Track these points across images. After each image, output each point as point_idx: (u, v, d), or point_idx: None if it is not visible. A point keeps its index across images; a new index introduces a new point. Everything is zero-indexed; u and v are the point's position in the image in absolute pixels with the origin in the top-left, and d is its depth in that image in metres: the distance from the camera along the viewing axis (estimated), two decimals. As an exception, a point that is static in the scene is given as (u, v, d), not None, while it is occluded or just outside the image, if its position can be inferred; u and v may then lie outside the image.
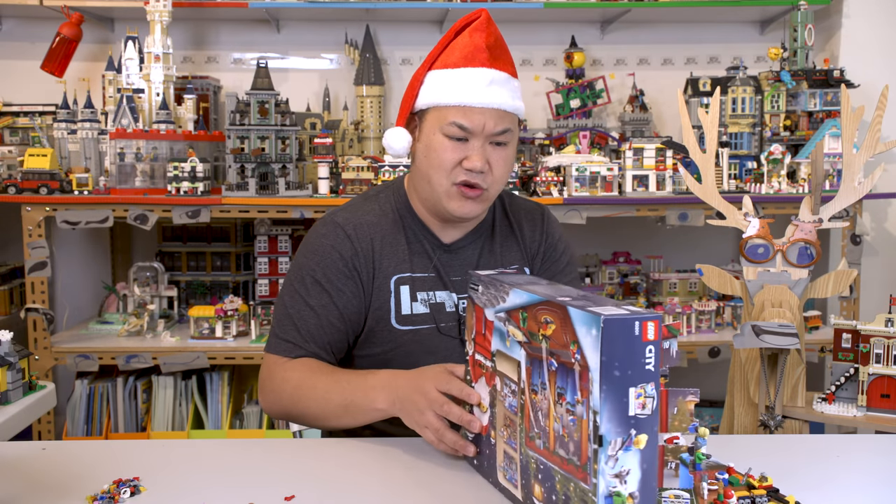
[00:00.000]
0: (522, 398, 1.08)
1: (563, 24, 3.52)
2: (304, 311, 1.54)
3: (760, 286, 1.99)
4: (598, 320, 0.90)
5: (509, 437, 1.12)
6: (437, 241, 1.62)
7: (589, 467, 0.93)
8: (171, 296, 3.26)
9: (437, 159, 1.51)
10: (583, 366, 0.93)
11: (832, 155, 3.05)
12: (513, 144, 1.56)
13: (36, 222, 2.92)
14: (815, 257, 1.97)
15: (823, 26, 3.50)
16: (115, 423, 3.07)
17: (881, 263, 3.44)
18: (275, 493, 1.16)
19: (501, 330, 1.13)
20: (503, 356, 1.13)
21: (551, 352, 1.00)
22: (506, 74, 1.52)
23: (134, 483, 1.18)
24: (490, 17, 1.54)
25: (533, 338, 1.04)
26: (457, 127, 1.49)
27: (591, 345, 0.91)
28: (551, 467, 1.01)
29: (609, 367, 0.90)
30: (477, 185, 1.51)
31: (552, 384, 1.00)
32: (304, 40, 3.54)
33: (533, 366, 1.05)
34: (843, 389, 1.98)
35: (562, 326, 0.97)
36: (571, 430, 0.96)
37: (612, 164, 3.04)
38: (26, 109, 3.36)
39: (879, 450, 1.41)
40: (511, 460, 1.12)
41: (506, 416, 1.13)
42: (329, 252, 1.56)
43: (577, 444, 0.95)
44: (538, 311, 1.03)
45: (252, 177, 3.09)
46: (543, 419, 1.02)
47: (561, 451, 0.98)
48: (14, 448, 1.37)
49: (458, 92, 1.49)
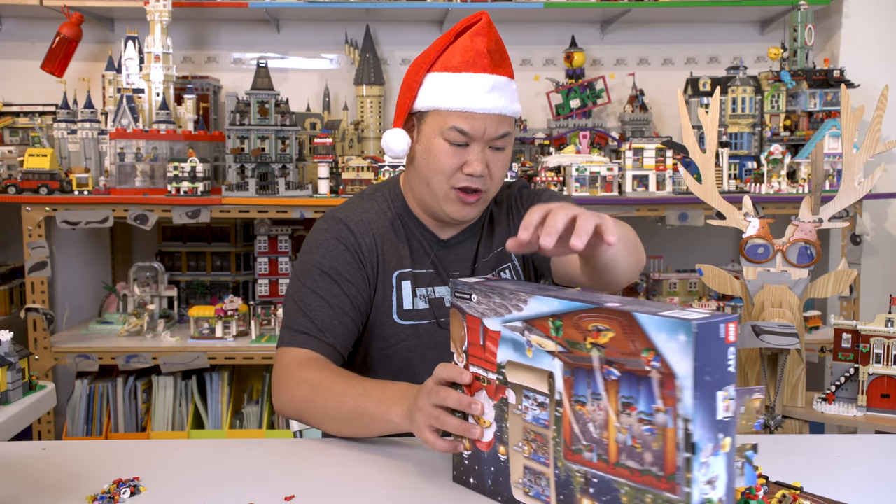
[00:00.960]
0: (559, 410, 1.04)
1: (563, 24, 3.52)
2: (316, 302, 1.52)
3: (760, 286, 1.99)
4: (690, 326, 0.88)
5: (534, 452, 1.08)
6: (434, 237, 1.63)
7: (679, 477, 0.90)
8: (171, 296, 3.26)
9: (437, 163, 1.51)
10: (664, 373, 0.91)
11: (832, 155, 3.05)
12: (510, 146, 1.57)
13: (36, 222, 2.92)
14: (815, 257, 1.97)
15: (823, 26, 3.50)
16: (115, 423, 3.07)
17: (881, 263, 3.44)
18: (275, 493, 1.16)
19: (517, 340, 1.09)
20: (521, 367, 1.09)
21: (609, 360, 0.97)
22: (506, 79, 1.53)
23: (134, 483, 1.18)
24: (490, 20, 1.53)
25: (575, 347, 1.01)
26: (458, 132, 1.49)
27: (677, 351, 0.89)
28: (613, 480, 0.97)
29: (701, 372, 0.88)
30: (476, 190, 1.52)
31: (612, 394, 0.97)
32: (304, 40, 3.54)
33: (576, 376, 1.01)
34: (843, 389, 1.98)
35: (626, 334, 0.94)
36: (648, 440, 0.93)
37: (612, 164, 3.04)
38: (26, 109, 3.35)
39: (879, 450, 1.41)
40: (538, 476, 1.08)
41: (526, 430, 1.09)
42: (334, 244, 1.56)
43: (659, 454, 0.92)
44: (581, 319, 1.00)
45: (252, 177, 3.09)
46: (598, 430, 0.99)
47: (630, 463, 0.95)
48: (14, 448, 1.37)
49: (460, 97, 1.49)
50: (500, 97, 1.50)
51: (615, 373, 0.96)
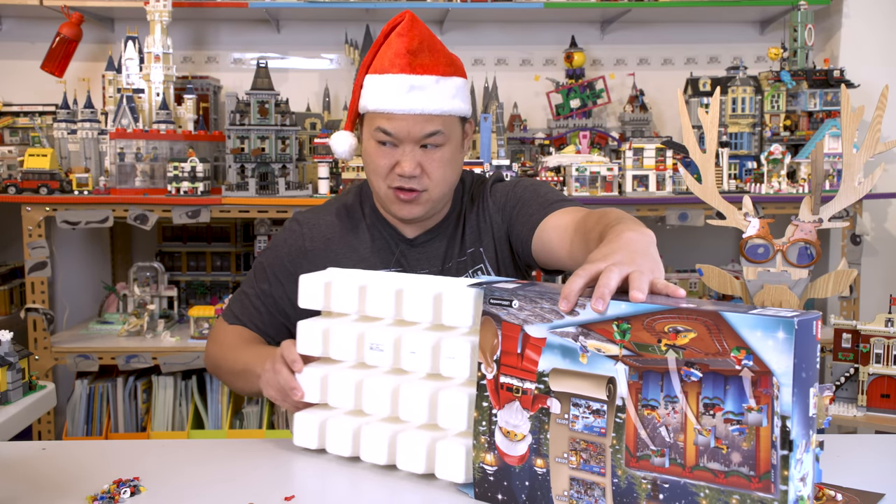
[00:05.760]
0: (620, 416, 1.02)
1: (563, 24, 3.52)
2: (248, 291, 1.67)
3: (760, 286, 1.99)
4: (791, 323, 0.89)
5: (584, 462, 1.05)
6: (399, 235, 1.65)
7: (774, 475, 0.90)
8: (171, 296, 3.26)
9: (372, 164, 1.56)
10: (759, 371, 0.91)
11: (832, 155, 3.05)
12: (451, 145, 1.56)
13: (36, 222, 2.92)
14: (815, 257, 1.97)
15: (823, 26, 3.50)
16: (115, 423, 3.07)
17: (881, 263, 3.44)
18: (275, 493, 1.16)
19: (568, 346, 1.06)
20: (570, 374, 1.06)
21: (689, 362, 0.96)
22: (432, 77, 1.52)
23: (134, 483, 1.18)
24: (414, 18, 1.54)
25: (645, 350, 1.00)
26: (382, 132, 1.52)
27: (774, 348, 0.90)
28: (690, 483, 0.96)
29: (798, 369, 0.89)
30: (411, 189, 1.53)
31: (692, 396, 0.96)
32: (304, 40, 3.54)
33: (646, 379, 1.00)
34: (843, 389, 1.98)
35: (711, 334, 0.94)
36: (736, 441, 0.93)
37: (612, 164, 3.04)
38: (26, 109, 3.35)
39: (879, 450, 1.41)
40: (590, 486, 1.05)
41: (574, 439, 1.06)
42: (281, 245, 1.67)
43: (749, 454, 0.92)
44: (655, 322, 0.99)
45: (252, 177, 3.09)
46: (671, 435, 0.98)
47: (713, 465, 0.94)
48: (14, 448, 1.37)
49: (381, 98, 1.52)
50: (422, 96, 1.50)
51: (696, 374, 0.96)
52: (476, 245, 1.65)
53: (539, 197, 1.61)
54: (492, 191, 1.68)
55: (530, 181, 1.69)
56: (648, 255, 1.16)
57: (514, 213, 1.63)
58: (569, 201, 1.61)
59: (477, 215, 1.66)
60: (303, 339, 1.33)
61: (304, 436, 1.32)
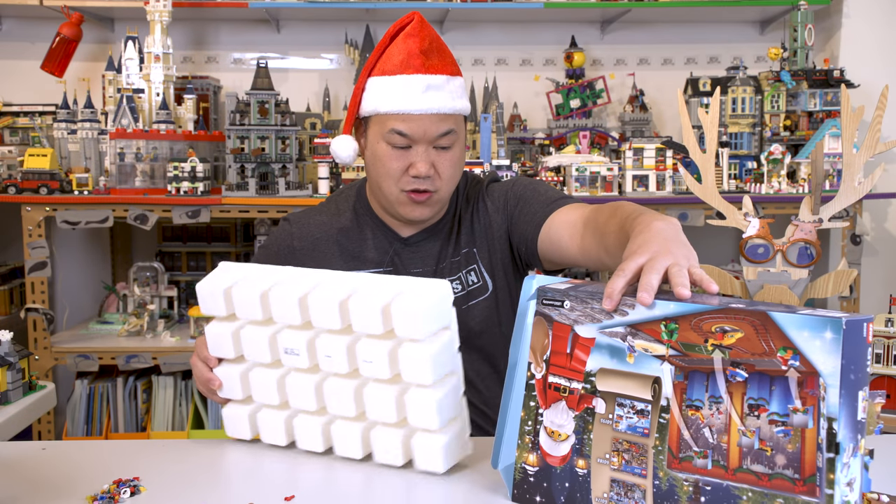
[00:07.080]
0: (664, 417, 1.02)
1: (563, 24, 3.52)
2: None
3: (760, 286, 1.99)
4: (839, 323, 0.87)
5: (625, 463, 1.05)
6: (394, 234, 1.65)
7: (819, 478, 0.89)
8: (171, 296, 3.26)
9: (383, 168, 1.54)
10: (805, 372, 0.90)
11: (832, 155, 3.05)
12: (459, 144, 1.57)
13: (36, 222, 2.92)
14: (815, 257, 1.97)
15: (823, 26, 3.51)
16: (115, 423, 3.07)
17: (881, 263, 3.44)
18: (275, 493, 1.16)
19: (616, 346, 1.06)
20: (616, 374, 1.06)
21: (735, 362, 0.96)
22: (444, 76, 1.53)
23: (134, 483, 1.18)
24: (423, 19, 1.54)
25: (692, 350, 0.99)
26: (398, 135, 1.51)
27: (821, 348, 0.89)
28: (732, 486, 0.95)
29: (847, 370, 0.88)
30: (426, 190, 1.54)
31: (737, 396, 0.96)
32: (304, 40, 3.54)
33: (691, 380, 0.99)
34: (843, 389, 1.98)
35: (758, 334, 0.94)
36: (781, 442, 0.92)
37: (612, 164, 3.04)
38: (26, 109, 3.35)
39: (879, 450, 1.41)
40: (630, 489, 1.04)
41: (617, 440, 1.06)
42: (272, 245, 1.69)
43: (794, 456, 0.91)
44: (703, 321, 0.98)
45: (252, 177, 3.09)
46: (714, 436, 0.97)
47: (757, 467, 0.93)
48: (14, 448, 1.37)
49: (395, 99, 1.51)
50: (437, 96, 1.51)
51: (742, 374, 0.95)
52: (470, 245, 1.65)
53: (540, 195, 1.62)
54: (488, 191, 1.68)
55: (528, 180, 1.69)
56: (681, 242, 1.16)
57: (515, 212, 1.63)
58: (571, 199, 1.62)
59: (472, 216, 1.67)
60: (213, 343, 1.35)
61: (236, 428, 1.38)
